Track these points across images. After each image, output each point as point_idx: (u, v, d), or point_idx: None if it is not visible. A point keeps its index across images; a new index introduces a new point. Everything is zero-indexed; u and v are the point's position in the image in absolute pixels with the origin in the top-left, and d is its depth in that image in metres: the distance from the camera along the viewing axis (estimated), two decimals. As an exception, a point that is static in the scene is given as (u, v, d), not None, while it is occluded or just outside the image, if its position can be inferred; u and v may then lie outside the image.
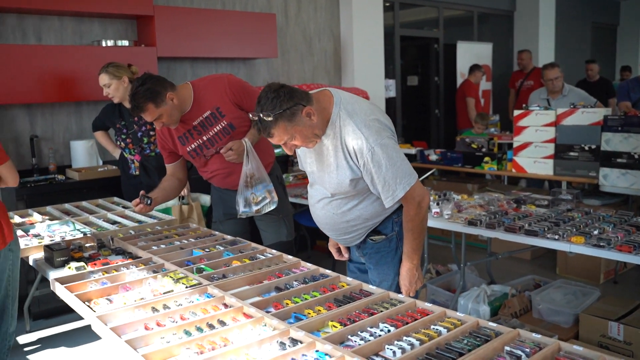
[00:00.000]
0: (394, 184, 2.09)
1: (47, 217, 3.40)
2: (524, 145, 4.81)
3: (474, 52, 8.45)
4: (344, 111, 2.10)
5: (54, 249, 2.57)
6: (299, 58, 6.29)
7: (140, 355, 1.61)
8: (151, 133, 3.92)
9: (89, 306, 2.04)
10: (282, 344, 1.68)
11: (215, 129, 2.93)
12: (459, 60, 8.23)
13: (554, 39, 9.59)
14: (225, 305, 2.00)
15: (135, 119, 3.91)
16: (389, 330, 1.75)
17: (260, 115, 2.01)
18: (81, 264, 2.46)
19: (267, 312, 1.89)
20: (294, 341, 1.71)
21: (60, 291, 2.19)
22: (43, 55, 4.22)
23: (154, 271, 2.36)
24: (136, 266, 2.42)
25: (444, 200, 3.69)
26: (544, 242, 2.92)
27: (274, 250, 2.61)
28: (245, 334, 1.77)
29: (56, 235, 2.99)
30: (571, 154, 4.55)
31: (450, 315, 1.86)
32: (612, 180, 4.36)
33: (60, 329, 3.88)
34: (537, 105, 4.86)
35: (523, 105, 5.11)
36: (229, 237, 2.87)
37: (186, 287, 2.14)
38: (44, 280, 3.76)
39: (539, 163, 4.73)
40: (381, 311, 1.89)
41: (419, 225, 2.17)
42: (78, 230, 3.09)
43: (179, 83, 3.00)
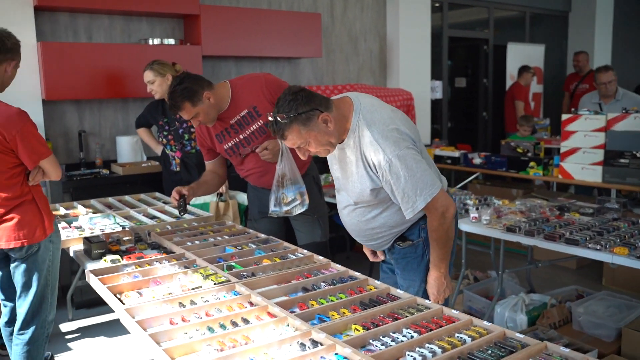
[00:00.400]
0: (414, 195, 2.03)
1: (91, 210, 3.50)
2: (572, 151, 4.65)
3: (525, 54, 8.23)
4: (363, 120, 2.06)
5: (92, 241, 2.65)
6: (344, 58, 6.28)
7: (161, 350, 1.63)
8: (192, 130, 3.99)
9: (119, 299, 2.09)
10: (302, 345, 1.68)
11: (251, 128, 2.95)
12: (509, 62, 8.03)
13: (611, 40, 9.24)
14: (251, 304, 2.01)
15: (177, 115, 3.97)
16: (412, 336, 1.72)
17: (276, 116, 2.01)
18: (116, 257, 2.52)
19: (292, 312, 1.89)
20: (315, 343, 1.70)
21: (93, 282, 2.25)
22: (93, 53, 4.35)
23: (185, 267, 2.40)
24: (169, 261, 2.47)
25: (484, 205, 3.61)
26: (585, 252, 2.81)
27: (305, 251, 2.61)
28: (267, 333, 1.78)
29: (97, 228, 3.08)
30: (621, 160, 4.37)
31: (477, 323, 1.82)
32: (665, 189, 4.16)
33: (101, 318, 3.99)
34: (587, 110, 4.69)
35: (572, 110, 4.94)
36: (263, 236, 2.88)
37: (214, 284, 2.16)
38: (86, 271, 3.88)
39: (587, 169, 4.57)
40: (406, 316, 1.87)
41: (444, 236, 2.10)
42: (118, 223, 3.17)
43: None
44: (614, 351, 3.09)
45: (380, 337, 1.73)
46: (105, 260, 2.51)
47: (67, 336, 3.78)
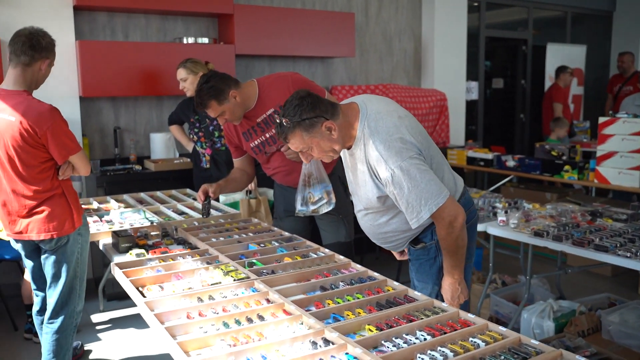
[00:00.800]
0: (418, 205, 2.00)
1: (123, 205, 3.59)
2: (609, 155, 4.53)
3: (566, 55, 8.04)
4: (367, 129, 2.04)
5: (120, 235, 2.72)
6: (378, 58, 6.26)
7: (175, 343, 1.66)
8: (222, 128, 4.04)
9: (141, 292, 2.14)
10: (314, 344, 1.69)
11: (277, 127, 2.97)
12: (548, 63, 7.86)
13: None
14: (268, 301, 2.03)
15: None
16: (425, 339, 1.71)
17: (282, 119, 2.02)
18: (141, 251, 2.58)
19: (307, 311, 1.91)
20: (327, 342, 1.71)
21: (118, 275, 2.31)
22: (129, 52, 4.46)
23: (208, 262, 2.44)
24: (192, 256, 2.51)
25: (513, 209, 3.54)
26: (614, 259, 2.74)
27: (326, 250, 2.62)
28: (281, 330, 1.80)
29: (126, 222, 3.15)
30: (661, 165, 4.23)
31: (492, 328, 1.80)
32: None
33: (131, 311, 4.08)
34: (626, 113, 4.56)
35: (609, 112, 4.80)
36: (287, 234, 2.90)
37: (234, 280, 2.20)
38: (118, 264, 3.98)
39: (624, 174, 4.44)
40: (421, 319, 1.85)
41: (453, 244, 2.07)
42: (147, 218, 3.24)
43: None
44: (644, 362, 3.00)
45: (393, 339, 1.73)
46: (130, 254, 2.58)
47: (98, 327, 3.89)
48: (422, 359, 1.58)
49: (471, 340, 1.70)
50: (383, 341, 1.71)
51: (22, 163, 2.51)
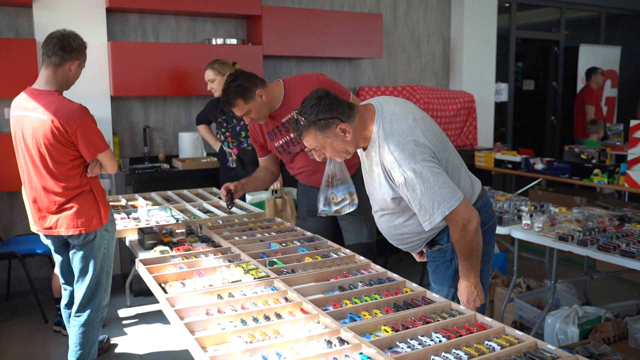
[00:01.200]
0: (431, 208, 2.00)
1: (150, 202, 3.66)
2: (640, 159, 4.44)
3: (599, 56, 7.89)
4: (382, 131, 2.06)
5: (145, 232, 2.78)
6: (406, 59, 6.24)
7: (193, 338, 1.70)
8: (249, 129, 4.08)
9: (163, 288, 2.19)
10: (329, 343, 1.71)
11: (301, 127, 2.99)
12: (580, 65, 7.72)
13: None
14: (286, 300, 2.06)
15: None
16: (440, 341, 1.72)
17: (298, 117, 2.05)
18: (165, 248, 2.64)
19: (324, 310, 1.92)
20: (342, 341, 1.72)
21: (142, 271, 2.37)
22: (159, 52, 4.55)
23: (229, 260, 2.48)
24: (214, 254, 2.55)
25: (538, 212, 3.50)
26: (640, 265, 2.69)
27: (347, 250, 2.63)
28: (297, 329, 1.82)
29: (152, 219, 3.22)
30: (694, 171, 4.13)
31: (509, 332, 1.79)
32: None
33: (157, 306, 4.16)
34: (659, 116, 4.46)
35: (642, 115, 4.71)
36: (309, 234, 2.93)
37: (254, 278, 2.23)
38: (145, 261, 4.06)
39: (656, 179, 4.34)
40: (438, 321, 1.86)
41: (467, 248, 2.06)
42: (173, 216, 3.30)
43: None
44: (672, 371, 2.94)
45: (408, 340, 1.73)
46: (155, 250, 2.63)
47: (124, 322, 3.98)
48: (436, 360, 1.59)
49: (487, 344, 1.70)
50: (398, 342, 1.72)
51: (53, 160, 2.60)
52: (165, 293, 2.11)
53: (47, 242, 2.84)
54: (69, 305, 2.97)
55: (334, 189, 2.99)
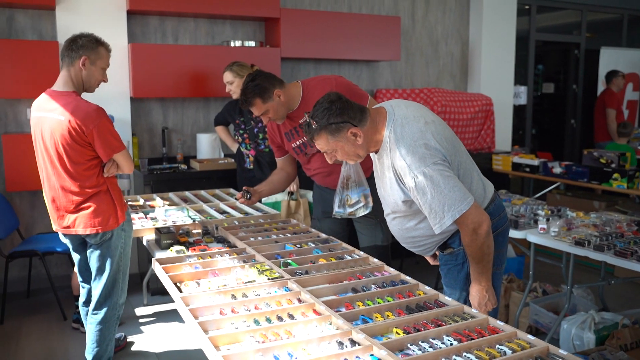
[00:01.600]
0: (441, 211, 2.01)
1: (167, 203, 3.70)
2: (661, 164, 4.38)
3: (620, 59, 7.79)
4: (393, 134, 2.07)
5: (162, 232, 2.82)
6: (424, 61, 6.23)
7: (207, 337, 1.73)
8: (267, 130, 4.11)
9: (178, 287, 2.22)
10: (341, 344, 1.72)
11: (318, 129, 3.01)
12: (601, 68, 7.63)
13: None
14: (299, 300, 2.07)
15: (253, 115, 4.11)
16: (451, 344, 1.72)
17: (310, 120, 2.07)
18: (182, 247, 2.67)
19: (337, 312, 1.94)
20: (353, 342, 1.74)
21: (158, 271, 2.40)
22: (178, 54, 4.60)
23: (244, 261, 2.50)
24: (229, 255, 2.58)
25: (555, 217, 3.48)
26: (658, 271, 2.66)
27: (361, 252, 2.64)
28: (309, 329, 1.84)
29: (169, 219, 3.26)
30: None
31: (520, 337, 1.78)
32: None
33: (173, 305, 4.19)
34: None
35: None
36: (323, 236, 2.94)
37: (268, 279, 2.25)
38: (162, 260, 4.11)
39: (676, 184, 4.29)
40: (450, 324, 1.86)
41: (478, 252, 2.06)
42: (189, 216, 3.34)
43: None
44: (690, 379, 2.90)
45: (419, 343, 1.74)
46: (171, 250, 2.67)
47: (141, 320, 4.03)
48: (446, 363, 1.59)
49: (498, 348, 1.70)
50: (409, 344, 1.73)
51: (70, 160, 2.64)
52: (181, 292, 2.14)
53: (66, 241, 2.89)
54: (87, 303, 3.02)
55: (349, 191, 3.00)
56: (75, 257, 2.95)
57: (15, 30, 4.39)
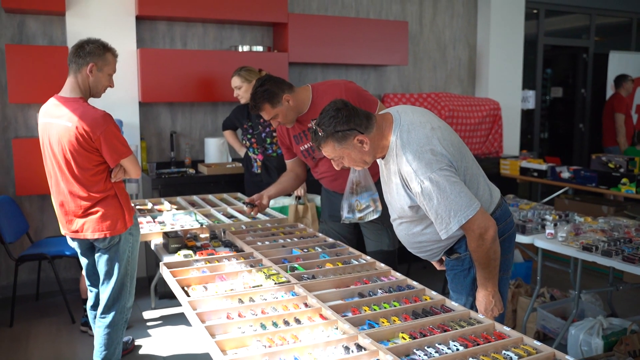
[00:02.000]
0: (447, 217, 2.01)
1: (175, 207, 3.72)
2: (670, 169, 4.36)
3: (630, 63, 7.75)
4: (400, 140, 2.08)
5: (170, 236, 2.84)
6: (432, 66, 6.23)
7: (213, 341, 1.74)
8: (274, 134, 4.13)
9: (186, 291, 2.23)
10: (347, 349, 1.73)
11: (327, 133, 3.02)
12: (610, 72, 7.60)
13: None
14: (306, 305, 2.08)
15: (261, 120, 4.15)
16: (457, 349, 1.72)
17: (316, 127, 2.08)
18: (189, 252, 2.69)
19: (343, 316, 1.95)
20: (359, 347, 1.74)
21: (165, 275, 2.42)
22: (187, 59, 4.63)
23: (251, 265, 2.51)
24: (236, 259, 2.59)
25: (563, 222, 3.47)
26: (667, 277, 2.64)
27: (368, 257, 2.64)
28: (316, 334, 1.85)
29: (177, 223, 3.28)
30: None
31: (527, 342, 1.78)
32: None
33: (181, 309, 4.19)
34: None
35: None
36: (330, 240, 2.95)
37: (275, 284, 2.26)
38: (170, 264, 4.13)
39: (686, 189, 4.26)
40: (456, 329, 1.86)
41: (484, 257, 2.06)
42: (197, 220, 3.36)
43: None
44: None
45: (425, 348, 1.75)
46: (179, 254, 2.68)
47: (149, 323, 4.05)
48: (452, 369, 1.59)
49: (504, 353, 1.70)
50: (415, 349, 1.73)
51: (78, 166, 2.66)
52: (188, 296, 2.15)
53: (74, 245, 2.91)
54: (95, 306, 3.04)
55: (358, 196, 3.01)
56: (84, 262, 2.97)
57: (26, 36, 4.43)
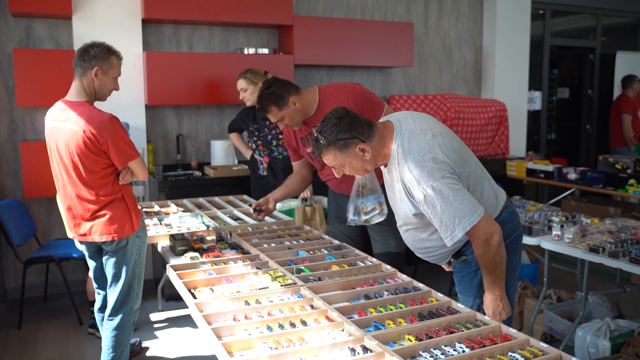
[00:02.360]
0: (452, 224, 2.01)
1: (182, 209, 3.74)
2: (678, 169, 4.34)
3: (637, 64, 7.72)
4: (401, 149, 2.08)
5: (177, 239, 2.85)
6: (437, 67, 6.23)
7: (220, 343, 1.74)
8: (280, 137, 4.14)
9: (192, 293, 2.24)
10: (353, 351, 1.73)
11: (333, 135, 3.02)
12: (617, 73, 7.57)
13: None
14: (312, 307, 2.09)
15: (267, 122, 4.16)
16: (463, 351, 1.73)
17: (318, 136, 2.09)
18: (196, 254, 2.70)
19: (349, 318, 1.95)
20: (365, 349, 1.74)
21: (172, 277, 2.43)
22: (193, 62, 4.65)
23: (258, 267, 2.52)
24: (243, 261, 2.60)
25: (569, 223, 3.46)
26: (674, 279, 2.63)
27: (374, 259, 2.64)
28: (322, 336, 1.85)
29: (184, 226, 3.29)
30: None
31: (533, 344, 1.78)
32: None
33: (188, 311, 4.22)
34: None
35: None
36: (336, 242, 2.95)
37: (281, 286, 2.26)
38: (177, 266, 4.15)
39: (694, 190, 4.24)
40: (462, 331, 1.86)
41: (490, 262, 2.05)
42: (204, 223, 3.37)
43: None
44: None
45: (432, 350, 1.75)
46: (185, 256, 2.69)
47: (156, 325, 4.06)
48: (458, 371, 1.60)
49: (510, 355, 1.70)
50: (421, 351, 1.74)
51: (86, 169, 2.68)
52: (195, 298, 2.16)
53: (82, 248, 2.93)
54: (102, 309, 3.05)
55: (364, 199, 3.01)
56: (91, 264, 2.99)
57: (33, 40, 4.46)
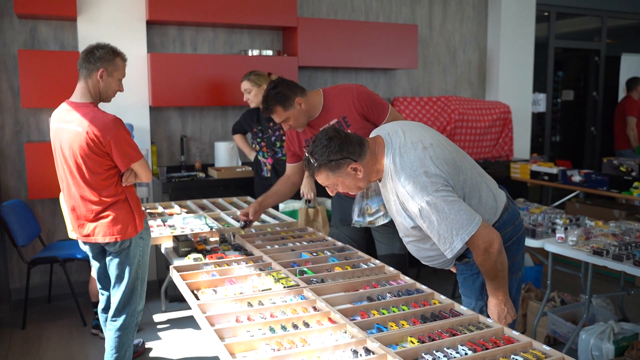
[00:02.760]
0: (450, 236, 2.00)
1: (185, 210, 3.75)
2: (683, 172, 4.32)
3: (642, 66, 7.71)
4: (393, 165, 2.08)
5: (180, 240, 2.85)
6: (442, 69, 6.22)
7: (223, 345, 1.75)
8: (284, 138, 4.15)
9: (195, 295, 2.24)
10: (355, 352, 1.73)
11: (339, 137, 3.02)
12: (622, 75, 7.55)
13: None
14: (315, 309, 2.09)
15: (271, 124, 4.16)
16: (465, 353, 1.72)
17: (309, 156, 2.10)
18: (199, 255, 2.70)
19: (352, 320, 1.95)
20: (368, 351, 1.74)
21: (175, 278, 2.44)
22: (197, 63, 4.66)
23: (260, 269, 2.53)
24: (246, 263, 2.60)
25: (573, 226, 3.45)
26: (679, 282, 2.62)
27: (377, 261, 2.64)
28: (324, 338, 1.85)
29: (187, 227, 3.30)
30: None
31: (536, 347, 1.78)
32: None
33: (191, 312, 4.23)
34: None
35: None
36: (339, 244, 2.95)
37: (284, 287, 2.27)
38: (180, 267, 4.15)
39: (699, 193, 4.23)
40: (465, 333, 1.86)
41: (492, 269, 2.04)
42: (207, 224, 3.38)
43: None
44: None
45: (434, 352, 1.74)
46: (189, 258, 2.70)
47: (159, 326, 4.07)
48: (461, 373, 1.59)
49: (512, 358, 1.70)
50: (423, 354, 1.73)
51: (89, 170, 2.69)
52: (198, 300, 2.17)
53: (85, 249, 2.94)
54: (106, 309, 3.06)
55: (369, 200, 3.01)
56: (95, 265, 3.00)
57: (38, 41, 4.48)
